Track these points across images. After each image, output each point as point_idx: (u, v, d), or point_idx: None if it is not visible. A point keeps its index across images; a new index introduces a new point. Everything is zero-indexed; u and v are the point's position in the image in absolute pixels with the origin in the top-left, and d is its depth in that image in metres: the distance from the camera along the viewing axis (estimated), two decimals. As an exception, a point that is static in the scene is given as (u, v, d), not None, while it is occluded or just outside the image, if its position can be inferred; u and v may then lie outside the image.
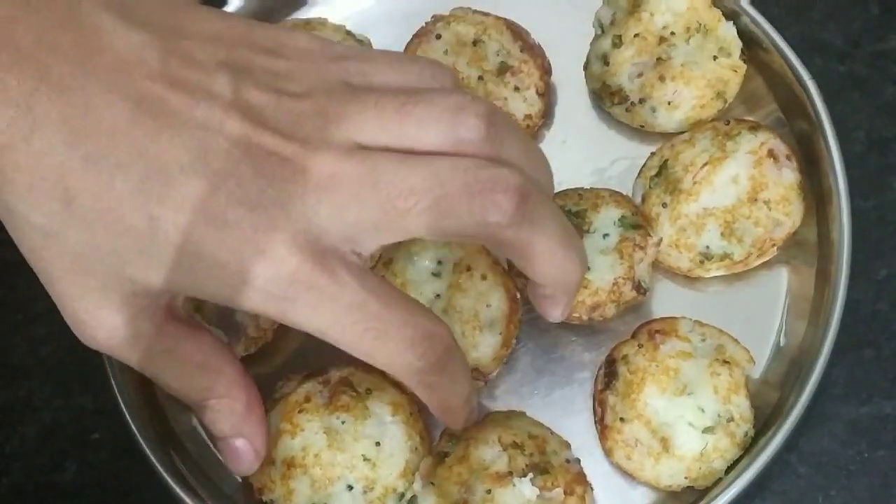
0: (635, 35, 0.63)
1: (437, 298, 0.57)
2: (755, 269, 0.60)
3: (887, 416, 0.59)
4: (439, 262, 0.58)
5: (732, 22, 0.63)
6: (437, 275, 0.58)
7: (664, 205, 0.60)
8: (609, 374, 0.57)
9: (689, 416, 0.55)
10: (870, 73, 0.66)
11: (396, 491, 0.54)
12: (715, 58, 0.62)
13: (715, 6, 0.63)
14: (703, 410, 0.55)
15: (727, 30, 0.63)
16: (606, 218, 0.59)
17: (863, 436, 0.58)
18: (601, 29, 0.65)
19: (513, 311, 0.58)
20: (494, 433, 0.54)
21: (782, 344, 0.60)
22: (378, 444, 0.54)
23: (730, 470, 0.55)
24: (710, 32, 0.63)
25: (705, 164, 0.59)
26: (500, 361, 0.58)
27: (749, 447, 0.55)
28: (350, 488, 0.53)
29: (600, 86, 0.64)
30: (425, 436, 0.56)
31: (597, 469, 0.56)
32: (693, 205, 0.59)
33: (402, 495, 0.54)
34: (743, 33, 0.63)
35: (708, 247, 0.59)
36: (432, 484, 0.54)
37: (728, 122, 0.62)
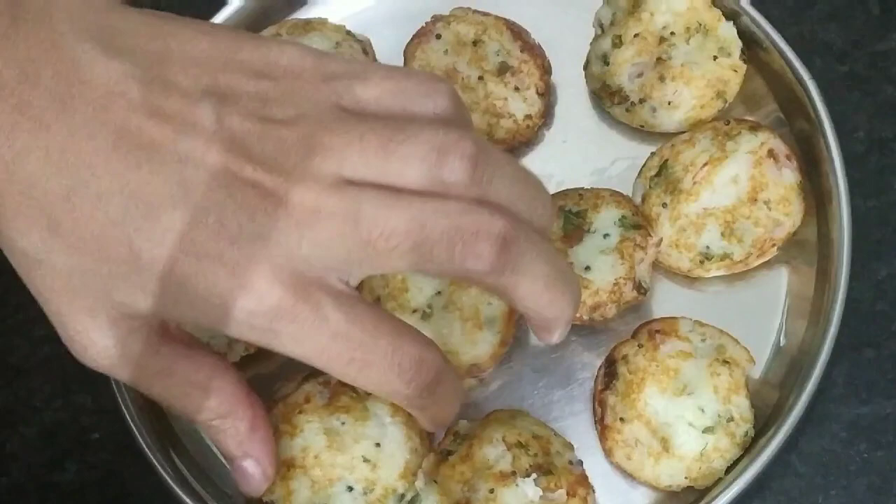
0: (635, 35, 0.63)
1: (438, 295, 0.57)
2: (755, 269, 0.60)
3: (887, 416, 0.59)
4: (440, 261, 0.58)
5: (732, 22, 0.63)
6: (438, 273, 0.58)
7: (664, 205, 0.60)
8: (609, 374, 0.57)
9: (689, 416, 0.55)
10: (870, 73, 0.66)
11: (396, 492, 0.54)
12: (715, 58, 0.62)
13: (715, 6, 0.63)
14: (703, 410, 0.55)
15: (727, 30, 0.63)
16: (607, 218, 0.59)
17: (863, 436, 0.58)
18: (601, 29, 0.65)
19: (512, 309, 0.58)
20: (499, 432, 0.54)
21: (782, 344, 0.60)
22: (378, 445, 0.53)
23: (730, 470, 0.55)
24: (710, 32, 0.63)
25: (705, 164, 0.59)
26: (497, 359, 0.58)
27: (749, 447, 0.55)
28: (350, 489, 0.53)
29: (600, 86, 0.64)
30: (425, 437, 0.55)
31: (597, 469, 0.56)
32: (693, 205, 0.59)
33: (402, 496, 0.54)
34: (743, 33, 0.63)
35: (708, 247, 0.59)
36: (435, 482, 0.54)
37: (728, 122, 0.62)
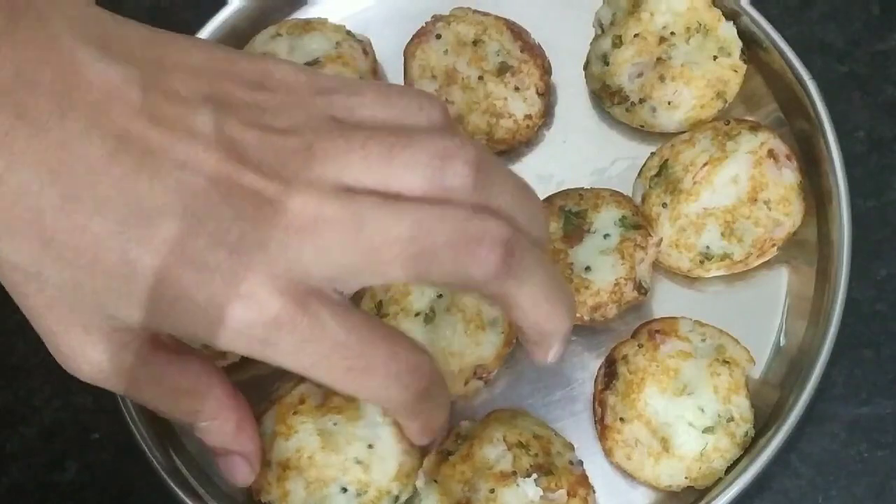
0: (635, 35, 0.63)
1: (440, 298, 0.57)
2: (755, 269, 0.60)
3: (887, 416, 0.59)
4: (440, 262, 0.58)
5: (732, 22, 0.63)
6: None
7: (664, 205, 0.60)
8: (609, 374, 0.57)
9: (689, 416, 0.55)
10: (870, 73, 0.66)
11: (391, 493, 0.53)
12: (715, 58, 0.62)
13: (715, 6, 0.63)
14: (703, 410, 0.55)
15: (727, 30, 0.63)
16: (607, 218, 0.59)
17: (863, 436, 0.58)
18: (601, 29, 0.65)
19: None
20: (499, 432, 0.54)
21: (782, 344, 0.60)
22: (371, 447, 0.53)
23: (730, 470, 0.55)
24: (710, 32, 0.63)
25: (705, 164, 0.59)
26: (501, 360, 0.58)
27: (749, 447, 0.55)
28: (344, 490, 0.53)
29: (600, 86, 0.64)
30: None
31: (597, 469, 0.56)
32: (693, 205, 0.59)
33: (396, 498, 0.54)
34: (743, 33, 0.63)
35: (708, 247, 0.59)
36: (435, 482, 0.54)
37: (728, 122, 0.61)
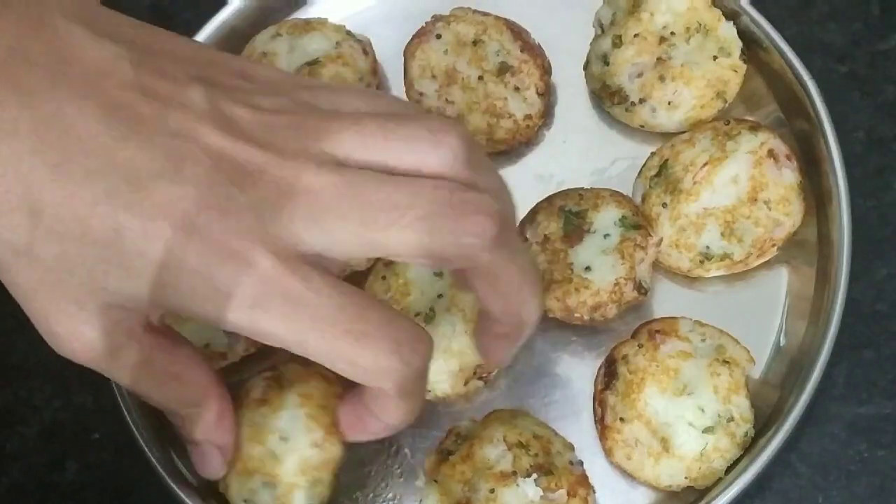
0: (635, 35, 0.63)
1: (440, 298, 0.57)
2: (755, 269, 0.60)
3: (887, 416, 0.59)
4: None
5: (732, 22, 0.63)
6: (439, 274, 0.58)
7: (664, 205, 0.60)
8: (609, 374, 0.57)
9: (690, 416, 0.55)
10: (870, 73, 0.66)
11: (298, 487, 0.51)
12: (715, 58, 0.62)
13: (715, 6, 0.63)
14: (703, 410, 0.55)
15: (727, 30, 0.63)
16: (607, 218, 0.59)
17: (863, 436, 0.58)
18: (601, 29, 0.65)
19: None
20: (499, 432, 0.54)
21: (782, 344, 0.60)
22: (284, 440, 0.51)
23: (730, 470, 0.55)
24: (710, 32, 0.63)
25: (705, 164, 0.59)
26: (500, 360, 0.58)
27: (749, 447, 0.55)
28: (265, 484, 0.52)
29: (600, 86, 0.64)
30: (334, 430, 0.52)
31: (597, 469, 0.56)
32: (693, 205, 0.59)
33: (309, 493, 0.51)
34: (743, 33, 0.63)
35: (708, 247, 0.59)
36: (436, 482, 0.54)
37: (728, 122, 0.61)
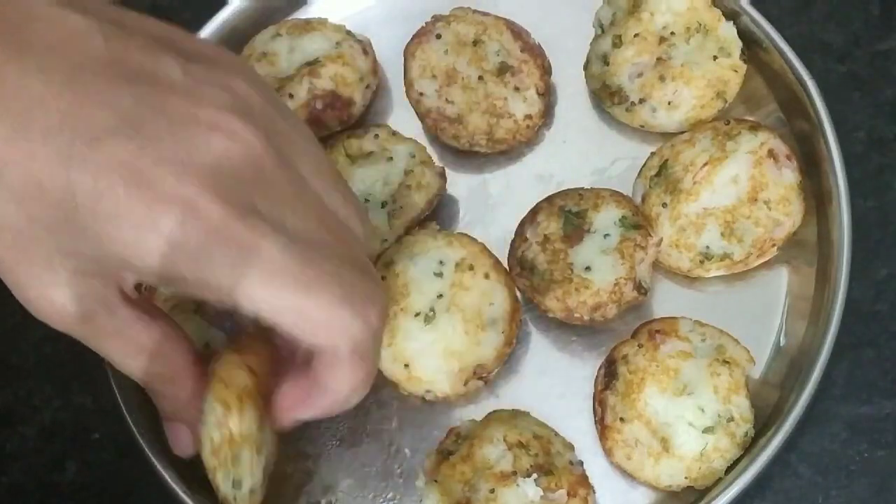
0: (635, 35, 0.63)
1: (440, 298, 0.57)
2: (755, 269, 0.60)
3: (887, 416, 0.59)
4: (441, 262, 0.58)
5: (732, 22, 0.63)
6: (440, 274, 0.58)
7: (664, 205, 0.60)
8: (609, 374, 0.57)
9: (689, 416, 0.55)
10: (870, 73, 0.66)
11: (213, 469, 0.46)
12: (715, 58, 0.62)
13: (715, 6, 0.63)
14: (703, 410, 0.55)
15: (727, 30, 0.63)
16: (607, 218, 0.59)
17: (863, 436, 0.58)
18: (601, 29, 0.65)
19: (515, 309, 0.58)
20: (500, 432, 0.54)
21: (782, 344, 0.60)
22: (205, 421, 0.46)
23: (730, 470, 0.55)
24: (710, 32, 0.63)
25: (705, 164, 0.59)
26: (501, 359, 0.58)
27: (749, 447, 0.55)
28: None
29: (600, 86, 0.64)
30: (233, 406, 0.45)
31: (597, 469, 0.56)
32: (693, 205, 0.59)
33: (227, 475, 0.46)
34: (743, 33, 0.63)
35: (708, 247, 0.59)
36: (436, 482, 0.54)
37: (728, 122, 0.61)
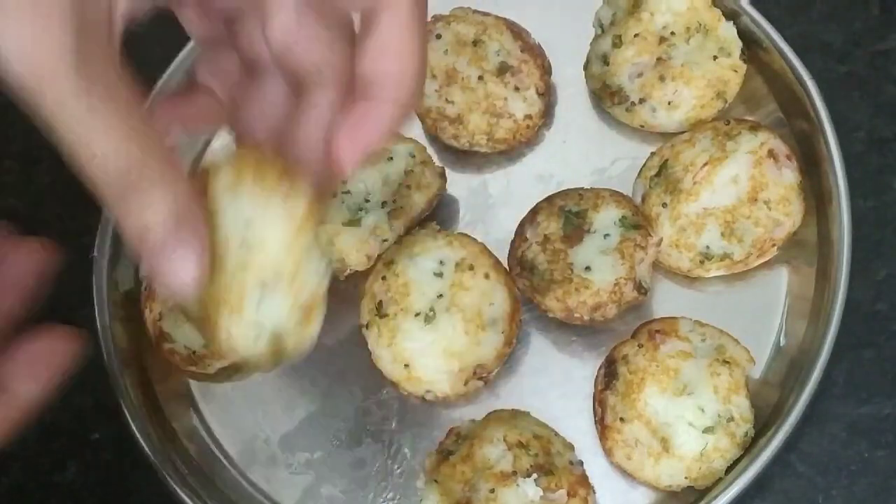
0: (635, 35, 0.63)
1: (440, 298, 0.57)
2: (755, 269, 0.60)
3: (887, 416, 0.59)
4: (441, 262, 0.58)
5: (732, 22, 0.63)
6: (440, 274, 0.58)
7: (664, 205, 0.60)
8: (609, 374, 0.57)
9: (690, 416, 0.55)
10: (870, 73, 0.66)
11: (289, 273, 0.39)
12: (715, 58, 0.62)
13: (715, 6, 0.63)
14: (703, 410, 0.55)
15: (727, 30, 0.63)
16: (607, 218, 0.59)
17: (863, 436, 0.58)
18: (601, 29, 0.65)
19: (515, 309, 0.58)
20: (500, 432, 0.54)
21: (782, 344, 0.60)
22: (248, 224, 0.39)
23: (730, 470, 0.55)
24: (710, 32, 0.63)
25: (705, 164, 0.59)
26: (501, 359, 0.58)
27: (749, 447, 0.55)
28: (262, 286, 0.40)
29: (600, 86, 0.64)
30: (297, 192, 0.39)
31: (597, 469, 0.56)
32: (693, 205, 0.59)
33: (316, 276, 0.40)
34: (743, 33, 0.63)
35: (708, 247, 0.59)
36: (436, 482, 0.54)
37: (728, 122, 0.61)
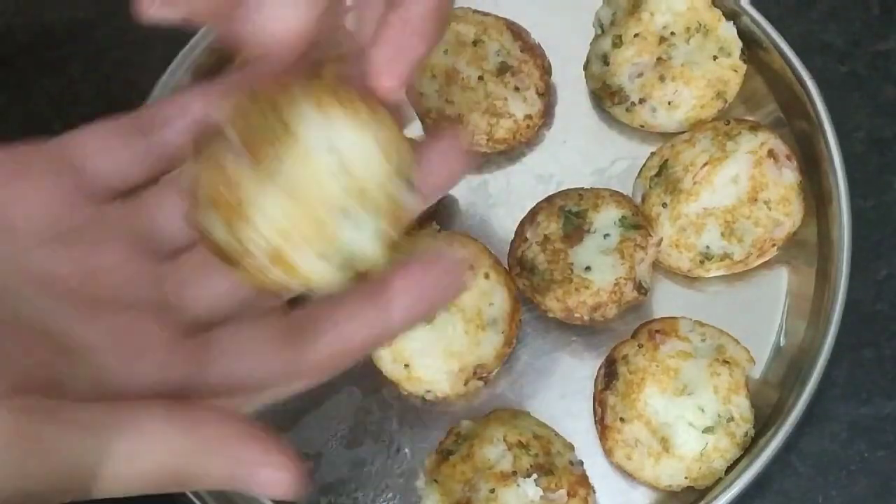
0: (635, 35, 0.63)
1: (439, 298, 0.57)
2: (755, 269, 0.60)
3: (887, 416, 0.59)
4: (440, 262, 0.58)
5: (732, 22, 0.63)
6: (439, 275, 0.58)
7: (664, 205, 0.60)
8: (609, 374, 0.57)
9: (690, 416, 0.55)
10: (870, 73, 0.66)
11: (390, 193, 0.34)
12: (715, 58, 0.62)
13: (715, 6, 0.63)
14: (703, 410, 0.55)
15: (727, 30, 0.63)
16: (607, 218, 0.59)
17: (863, 436, 0.58)
18: (601, 29, 0.65)
19: (515, 309, 0.58)
20: (500, 432, 0.54)
21: (782, 344, 0.60)
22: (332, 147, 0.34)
23: (730, 470, 0.55)
24: (710, 32, 0.63)
25: (705, 164, 0.59)
26: (501, 360, 0.58)
27: (749, 447, 0.55)
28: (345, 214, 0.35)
29: (600, 86, 0.64)
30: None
31: (597, 469, 0.56)
32: (693, 205, 0.59)
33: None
34: (743, 33, 0.63)
35: (708, 247, 0.59)
36: (436, 482, 0.54)
37: (728, 122, 0.61)
